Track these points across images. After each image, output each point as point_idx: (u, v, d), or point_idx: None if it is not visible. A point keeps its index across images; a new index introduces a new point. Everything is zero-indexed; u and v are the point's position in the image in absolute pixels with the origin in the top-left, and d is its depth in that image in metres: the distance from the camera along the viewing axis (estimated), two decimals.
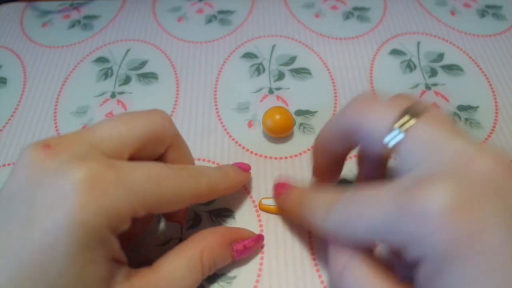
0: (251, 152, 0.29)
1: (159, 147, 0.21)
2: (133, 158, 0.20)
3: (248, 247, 0.23)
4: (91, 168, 0.16)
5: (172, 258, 0.21)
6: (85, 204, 0.16)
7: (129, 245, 0.21)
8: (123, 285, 0.18)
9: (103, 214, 0.16)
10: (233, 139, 0.30)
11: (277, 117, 0.28)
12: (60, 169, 0.16)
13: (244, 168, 0.26)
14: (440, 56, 0.35)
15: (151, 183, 0.18)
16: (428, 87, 0.33)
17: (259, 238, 0.24)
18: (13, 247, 0.16)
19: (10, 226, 0.16)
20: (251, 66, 0.35)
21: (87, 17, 0.39)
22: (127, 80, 0.34)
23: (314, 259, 0.25)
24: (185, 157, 0.23)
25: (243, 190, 0.27)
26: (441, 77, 0.34)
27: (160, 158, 0.22)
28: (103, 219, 0.16)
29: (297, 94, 0.33)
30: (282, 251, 0.25)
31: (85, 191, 0.16)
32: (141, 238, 0.25)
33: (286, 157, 0.29)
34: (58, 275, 0.16)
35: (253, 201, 0.27)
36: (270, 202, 0.26)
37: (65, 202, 0.16)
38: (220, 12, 0.39)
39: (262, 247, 0.25)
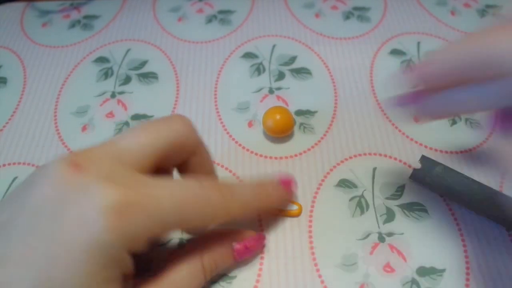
0: (251, 152, 0.29)
1: (182, 155, 0.21)
2: (157, 166, 0.20)
3: (249, 246, 0.23)
4: (117, 193, 0.17)
5: (174, 266, 0.21)
6: (109, 227, 0.16)
7: None
8: None
9: (125, 238, 0.17)
10: (233, 139, 0.30)
11: (277, 117, 0.28)
12: (87, 189, 0.17)
13: (286, 183, 0.24)
14: None
15: (176, 207, 0.18)
16: None
17: (260, 237, 0.24)
18: (34, 261, 0.16)
19: (32, 240, 0.16)
20: (251, 66, 0.35)
21: (87, 17, 0.39)
22: (127, 80, 0.34)
23: (314, 259, 0.25)
24: (207, 163, 0.23)
25: None
26: None
27: (182, 163, 0.22)
28: (124, 242, 0.17)
29: (297, 94, 0.33)
30: (282, 251, 0.25)
31: (110, 215, 0.16)
32: None
33: (286, 157, 0.29)
34: None
35: None
36: None
37: (91, 223, 0.16)
38: (220, 12, 0.39)
39: (263, 246, 0.25)
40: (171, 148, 0.20)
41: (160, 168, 0.20)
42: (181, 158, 0.22)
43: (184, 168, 0.22)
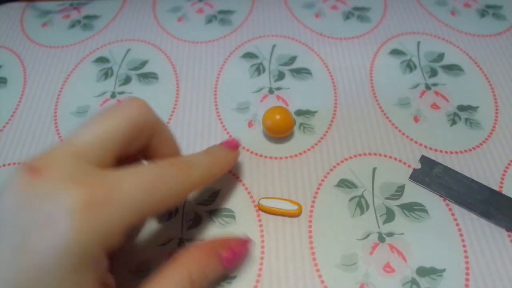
0: (251, 152, 0.29)
1: (142, 138, 0.21)
2: (119, 156, 0.20)
3: (237, 252, 0.22)
4: (82, 191, 0.16)
5: (159, 280, 0.20)
6: (77, 227, 0.16)
7: (126, 245, 0.21)
8: None
9: (96, 236, 0.16)
10: None
11: (277, 117, 0.28)
12: (50, 193, 0.16)
13: (233, 146, 0.25)
14: (440, 56, 0.35)
15: (143, 193, 0.18)
16: (428, 87, 0.33)
17: (246, 242, 0.23)
18: (2, 273, 0.16)
19: None
20: (251, 66, 0.35)
21: (87, 17, 0.39)
22: (127, 80, 0.34)
23: (314, 259, 0.25)
24: (170, 142, 0.23)
25: (243, 190, 0.27)
26: (441, 77, 0.34)
27: (146, 147, 0.22)
28: (97, 240, 0.16)
29: (297, 94, 0.33)
30: (282, 251, 0.25)
31: (78, 214, 0.16)
32: (141, 238, 0.25)
33: (286, 157, 0.29)
34: None
35: (253, 201, 0.27)
36: (268, 203, 0.26)
37: (58, 226, 0.16)
38: (220, 12, 0.39)
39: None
40: (130, 135, 0.20)
41: (123, 156, 0.20)
42: (142, 142, 0.21)
43: (148, 151, 0.22)
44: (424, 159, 0.28)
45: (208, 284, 0.21)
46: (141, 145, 0.21)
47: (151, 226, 0.26)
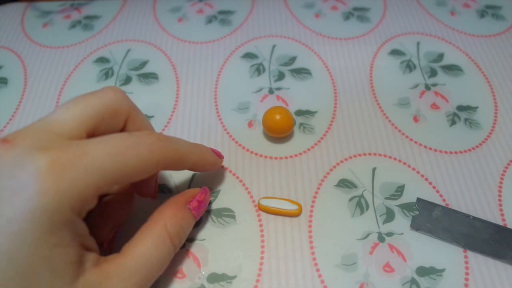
0: (251, 152, 0.29)
1: (117, 121, 0.22)
2: (92, 134, 0.20)
3: (201, 200, 0.24)
4: (48, 155, 0.17)
5: (139, 239, 0.21)
6: (45, 190, 0.16)
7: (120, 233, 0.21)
8: (93, 270, 0.18)
9: (64, 198, 0.17)
10: (233, 139, 0.30)
11: (277, 117, 0.28)
12: (18, 161, 0.17)
13: (218, 153, 0.26)
14: (440, 56, 0.35)
15: (111, 157, 0.18)
16: (428, 87, 0.33)
17: (206, 190, 0.25)
18: None
19: None
20: (251, 66, 0.35)
21: (87, 17, 0.39)
22: (127, 80, 0.34)
23: (314, 259, 0.25)
24: (145, 128, 0.23)
25: (243, 190, 0.28)
26: (441, 77, 0.34)
27: (120, 130, 0.22)
28: (65, 202, 0.17)
29: (297, 94, 0.33)
30: (282, 251, 0.25)
31: (44, 178, 0.16)
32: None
33: (286, 157, 0.29)
34: (26, 261, 0.16)
35: (253, 201, 0.27)
36: (268, 203, 0.26)
37: (25, 191, 0.16)
38: (220, 12, 0.39)
39: (259, 250, 0.25)
40: (103, 115, 0.20)
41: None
42: (117, 125, 0.22)
43: None
44: (420, 203, 0.26)
45: (185, 236, 0.23)
46: (117, 129, 0.22)
47: None
